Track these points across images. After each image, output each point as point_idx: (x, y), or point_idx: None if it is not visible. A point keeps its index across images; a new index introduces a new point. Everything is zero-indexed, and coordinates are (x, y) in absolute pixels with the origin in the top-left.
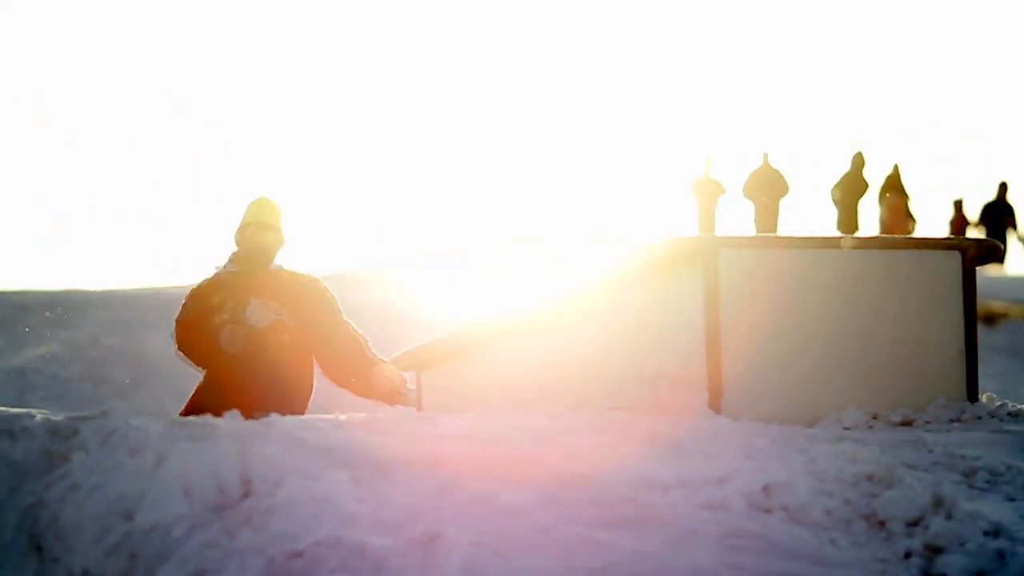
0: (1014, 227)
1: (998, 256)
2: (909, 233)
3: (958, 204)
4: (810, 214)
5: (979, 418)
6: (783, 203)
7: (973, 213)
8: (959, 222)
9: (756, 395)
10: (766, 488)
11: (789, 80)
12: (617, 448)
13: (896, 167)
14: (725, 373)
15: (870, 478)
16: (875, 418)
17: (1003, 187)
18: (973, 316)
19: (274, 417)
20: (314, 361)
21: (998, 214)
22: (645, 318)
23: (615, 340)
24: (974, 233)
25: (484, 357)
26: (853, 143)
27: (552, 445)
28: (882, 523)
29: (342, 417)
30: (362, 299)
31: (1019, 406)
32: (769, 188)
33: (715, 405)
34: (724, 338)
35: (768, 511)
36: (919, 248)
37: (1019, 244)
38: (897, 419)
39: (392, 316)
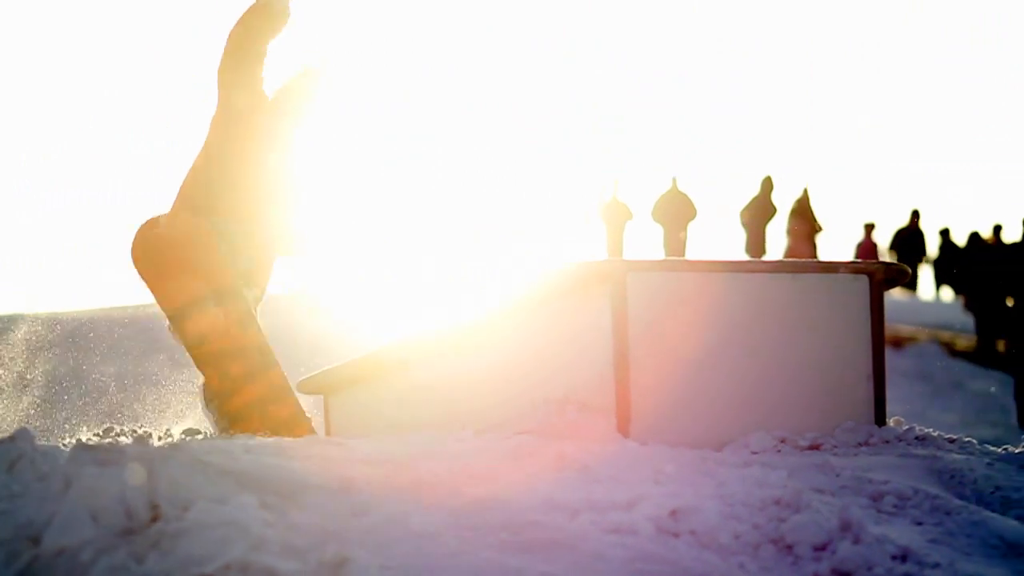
0: (925, 253)
1: (906, 280)
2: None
3: (868, 228)
4: (718, 238)
5: (887, 442)
6: (691, 227)
7: (885, 238)
8: (868, 246)
9: (665, 419)
10: (674, 512)
11: (698, 103)
12: (526, 472)
13: (805, 191)
14: (633, 397)
15: (778, 502)
16: (783, 442)
17: (915, 214)
18: (881, 340)
19: (182, 440)
20: None
21: (910, 240)
22: (553, 341)
23: (523, 363)
24: (885, 258)
25: (392, 380)
26: (762, 166)
27: (462, 469)
28: (790, 547)
29: (251, 441)
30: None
31: (927, 430)
32: (677, 212)
33: (623, 429)
34: (632, 362)
35: (676, 535)
36: (827, 272)
37: (929, 270)
38: (805, 443)
39: (301, 340)
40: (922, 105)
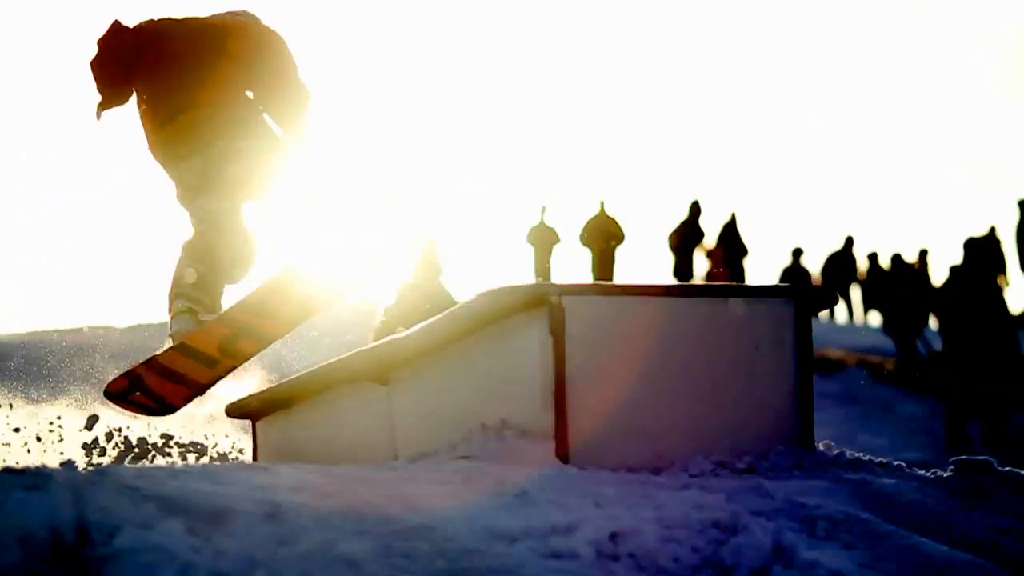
0: (855, 278)
1: (833, 304)
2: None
3: (796, 253)
4: (646, 261)
5: (819, 466)
6: (619, 251)
7: (816, 263)
8: (795, 270)
9: (603, 443)
10: (614, 536)
11: (626, 128)
12: (462, 498)
13: (733, 215)
14: (571, 422)
15: (716, 525)
16: (720, 465)
17: (849, 240)
18: (809, 363)
19: (109, 467)
20: None
21: (841, 264)
22: (490, 366)
23: (459, 388)
24: (815, 282)
25: (324, 405)
26: (690, 191)
27: (395, 496)
28: (729, 570)
29: (178, 465)
30: None
31: (857, 454)
32: (606, 236)
33: (562, 454)
34: (570, 386)
35: (616, 559)
36: (756, 295)
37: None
38: (742, 466)
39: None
40: (859, 129)
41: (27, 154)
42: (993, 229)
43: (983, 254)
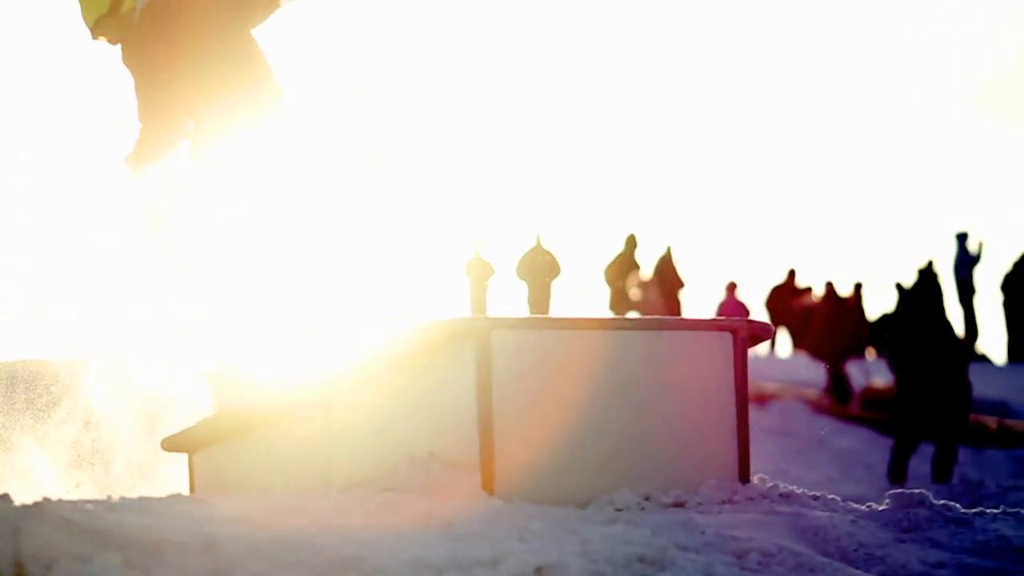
0: (799, 311)
1: (770, 337)
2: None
3: (731, 287)
4: (583, 295)
5: (751, 499)
6: (555, 284)
7: (758, 297)
8: (731, 304)
9: (529, 477)
10: (539, 570)
11: (563, 160)
12: (390, 530)
13: (669, 249)
14: (498, 455)
15: (642, 560)
16: (647, 499)
17: (791, 273)
18: (745, 397)
19: (45, 499)
20: None
21: (786, 298)
22: (417, 398)
23: (387, 420)
24: (751, 316)
25: (257, 438)
26: (627, 224)
27: (326, 527)
28: None
29: (115, 498)
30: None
31: (791, 487)
32: (542, 269)
33: (488, 487)
34: (497, 419)
35: None
36: (691, 329)
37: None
38: (669, 500)
39: (162, 398)
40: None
41: None
42: (931, 263)
43: (934, 284)
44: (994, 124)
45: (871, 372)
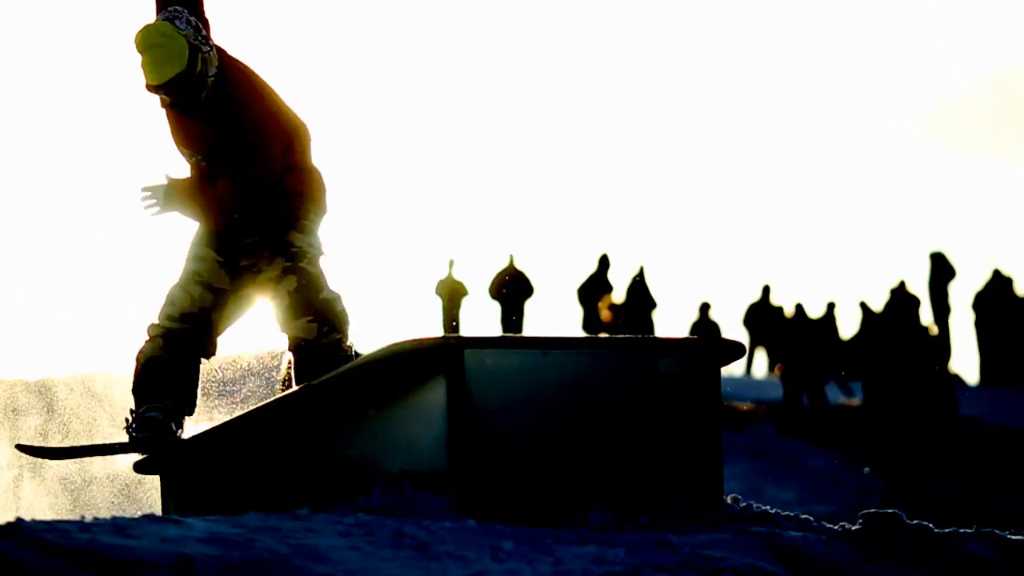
0: (776, 329)
1: (743, 356)
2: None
3: (704, 307)
4: (555, 314)
5: (725, 519)
6: (529, 304)
7: (735, 315)
8: (703, 324)
9: (503, 496)
10: None
11: (531, 180)
12: (364, 550)
13: (641, 268)
14: (471, 474)
15: None
16: (621, 518)
17: (766, 289)
18: (718, 416)
19: (19, 519)
20: None
21: (761, 316)
22: (392, 417)
23: (360, 440)
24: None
25: (231, 455)
26: (600, 244)
27: (300, 546)
28: None
29: (88, 518)
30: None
31: (764, 507)
32: (514, 289)
33: (461, 506)
34: (470, 439)
35: None
36: (663, 348)
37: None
38: (643, 519)
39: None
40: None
41: None
42: (903, 283)
43: (913, 306)
44: (968, 146)
45: (843, 392)
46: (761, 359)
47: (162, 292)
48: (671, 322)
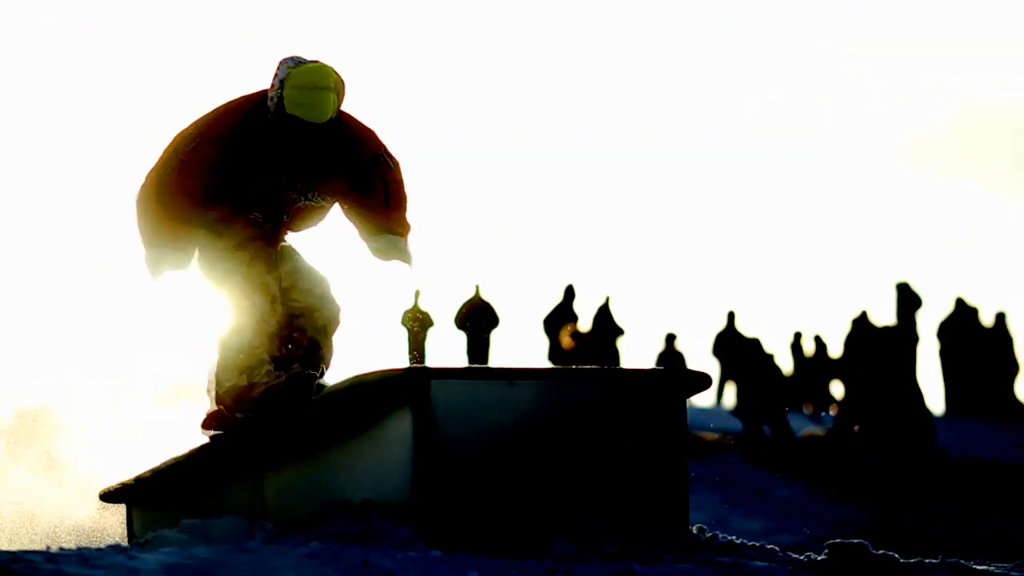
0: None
1: (709, 387)
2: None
3: (670, 338)
4: (521, 345)
5: (690, 549)
6: (494, 334)
7: (702, 344)
8: (669, 355)
9: (468, 526)
10: None
11: (497, 211)
12: None
13: (607, 299)
14: (436, 504)
15: None
16: (587, 549)
17: (731, 316)
18: (684, 447)
19: None
20: None
21: (729, 343)
22: (357, 447)
23: (326, 467)
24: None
25: (196, 487)
26: (565, 275)
27: (260, 575)
28: None
29: (54, 549)
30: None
31: (729, 537)
32: (480, 319)
33: (426, 536)
34: (435, 469)
35: None
36: (629, 379)
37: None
38: (609, 550)
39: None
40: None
41: None
42: (864, 313)
43: (874, 336)
44: (937, 175)
45: (808, 422)
46: (731, 389)
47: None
48: (637, 352)
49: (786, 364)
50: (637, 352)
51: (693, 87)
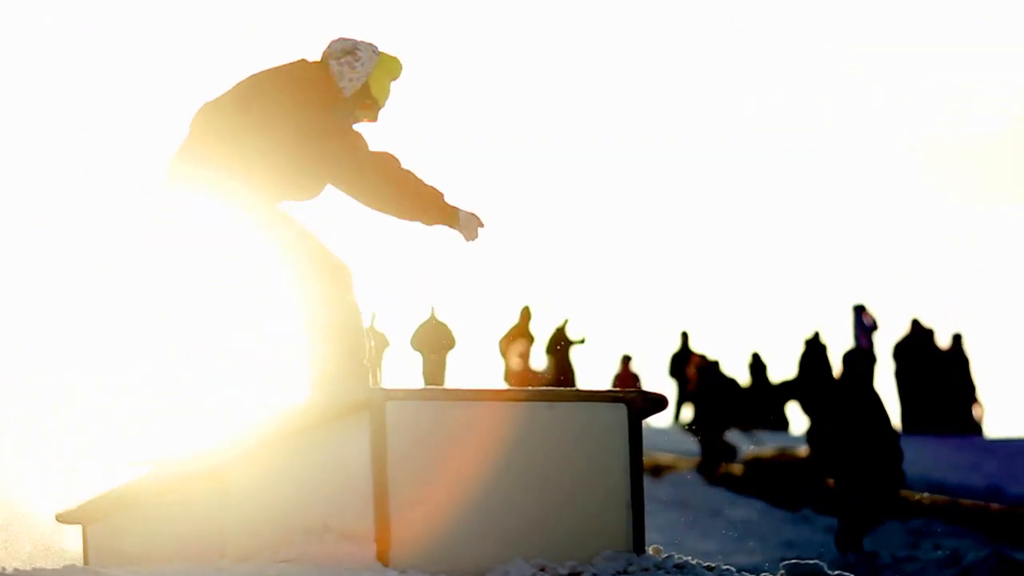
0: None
1: (664, 408)
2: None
3: (625, 359)
4: (477, 366)
5: (646, 570)
6: (450, 356)
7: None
8: (625, 376)
9: (424, 547)
10: None
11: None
12: None
13: (566, 320)
14: (393, 525)
15: None
16: (542, 570)
17: (685, 336)
18: (639, 468)
19: None
20: None
21: (683, 363)
22: (312, 470)
23: (281, 491)
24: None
25: (153, 508)
26: (522, 296)
27: None
28: None
29: (9, 570)
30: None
31: (685, 558)
32: (436, 341)
33: (383, 557)
34: (392, 490)
35: None
36: (585, 400)
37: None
38: (564, 571)
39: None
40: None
41: None
42: (817, 334)
43: (866, 362)
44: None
45: (758, 440)
46: (688, 410)
47: None
48: (593, 373)
49: (747, 381)
50: (593, 373)
51: (641, 109)
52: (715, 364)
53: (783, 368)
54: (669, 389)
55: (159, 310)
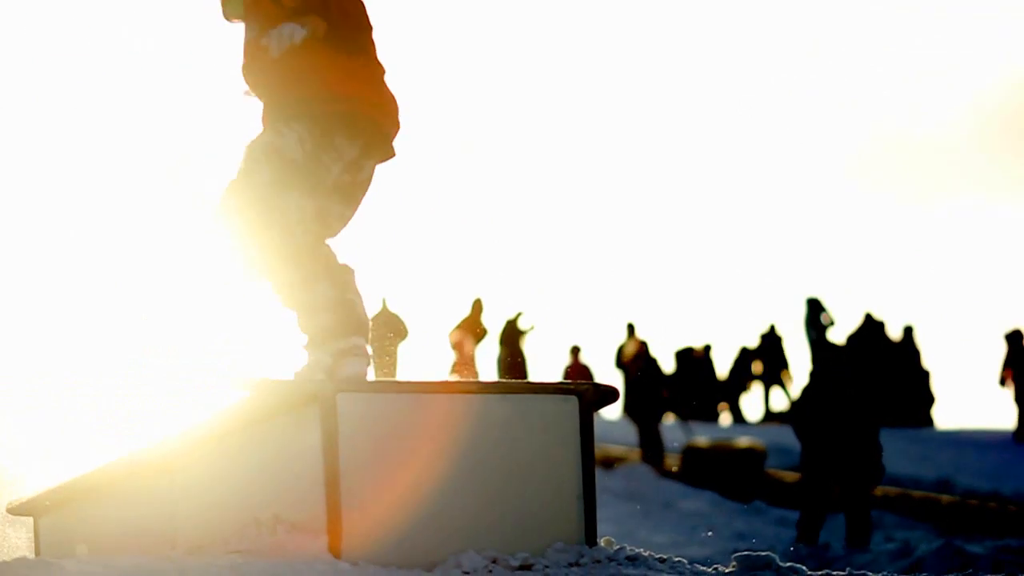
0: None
1: (616, 400)
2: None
3: (574, 350)
4: (428, 357)
5: (598, 562)
6: (401, 347)
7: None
8: (576, 367)
9: (376, 539)
10: None
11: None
12: None
13: (518, 314)
14: (344, 517)
15: None
16: (494, 562)
17: (631, 328)
18: (591, 460)
19: None
20: None
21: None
22: (263, 461)
23: (232, 483)
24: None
25: (103, 500)
26: (473, 288)
27: None
28: None
29: None
30: None
31: (637, 550)
32: (387, 332)
33: (335, 550)
34: (343, 482)
35: None
36: (536, 392)
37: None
38: (516, 563)
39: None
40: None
41: None
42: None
43: (843, 356)
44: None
45: (693, 431)
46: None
47: None
48: (543, 365)
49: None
50: (543, 365)
51: (595, 99)
52: (647, 351)
53: (728, 361)
54: (616, 380)
55: (158, 310)
